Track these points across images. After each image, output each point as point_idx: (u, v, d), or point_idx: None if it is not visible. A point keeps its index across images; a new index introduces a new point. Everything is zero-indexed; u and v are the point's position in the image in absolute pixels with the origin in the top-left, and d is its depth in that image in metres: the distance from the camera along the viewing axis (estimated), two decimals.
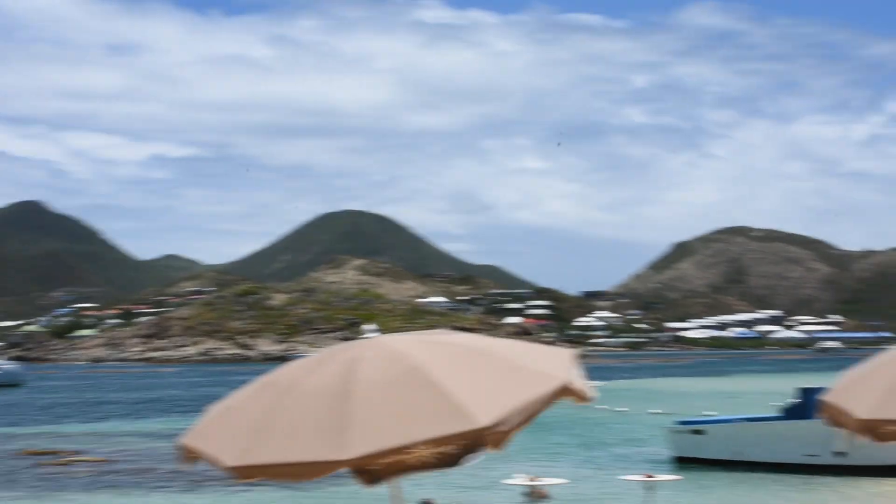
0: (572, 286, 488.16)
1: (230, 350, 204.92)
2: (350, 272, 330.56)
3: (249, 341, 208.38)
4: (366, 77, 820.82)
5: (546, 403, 6.62)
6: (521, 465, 33.16)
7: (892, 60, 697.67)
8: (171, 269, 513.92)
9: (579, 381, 6.95)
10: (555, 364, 6.99)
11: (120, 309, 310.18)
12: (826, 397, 9.22)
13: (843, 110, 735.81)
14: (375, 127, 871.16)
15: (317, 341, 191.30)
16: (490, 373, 6.75)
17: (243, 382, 7.65)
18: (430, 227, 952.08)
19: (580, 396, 6.84)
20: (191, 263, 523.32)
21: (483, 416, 6.29)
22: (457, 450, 6.30)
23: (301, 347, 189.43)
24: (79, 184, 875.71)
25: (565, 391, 6.72)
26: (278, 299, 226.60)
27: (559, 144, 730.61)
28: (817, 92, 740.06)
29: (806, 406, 32.64)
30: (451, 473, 35.04)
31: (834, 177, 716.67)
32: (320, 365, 7.10)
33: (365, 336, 7.41)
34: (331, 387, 6.76)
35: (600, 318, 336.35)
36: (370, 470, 6.37)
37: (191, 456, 7.03)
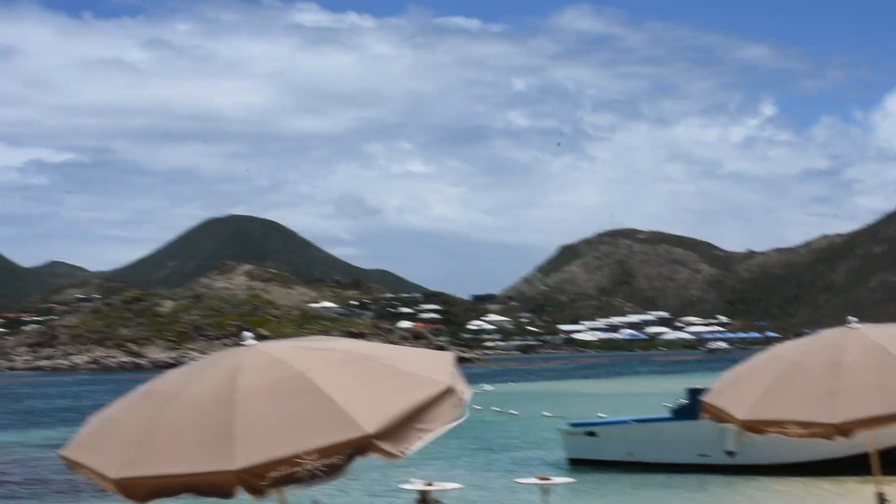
0: (462, 290, 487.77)
1: (120, 358, 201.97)
2: (239, 278, 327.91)
3: (139, 349, 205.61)
4: (245, 81, 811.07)
5: (441, 416, 6.53)
6: (417, 469, 33.14)
7: (764, 63, 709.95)
8: (56, 276, 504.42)
9: (461, 386, 6.92)
10: (438, 368, 6.94)
11: (4, 317, 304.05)
12: (707, 398, 9.50)
13: (719, 113, 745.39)
14: (257, 131, 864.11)
15: (208, 348, 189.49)
16: (373, 378, 6.63)
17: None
18: (317, 232, 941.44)
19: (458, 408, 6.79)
20: (76, 270, 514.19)
21: (369, 422, 6.20)
22: (343, 459, 6.19)
23: (192, 354, 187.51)
24: None
25: (449, 396, 6.65)
26: (167, 306, 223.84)
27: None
28: (693, 95, 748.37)
29: (696, 407, 33.03)
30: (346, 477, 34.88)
31: (714, 178, 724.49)
32: (201, 374, 6.89)
33: (244, 343, 7.23)
34: (213, 396, 6.56)
35: (492, 322, 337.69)
36: (259, 481, 6.23)
37: (74, 468, 6.85)
